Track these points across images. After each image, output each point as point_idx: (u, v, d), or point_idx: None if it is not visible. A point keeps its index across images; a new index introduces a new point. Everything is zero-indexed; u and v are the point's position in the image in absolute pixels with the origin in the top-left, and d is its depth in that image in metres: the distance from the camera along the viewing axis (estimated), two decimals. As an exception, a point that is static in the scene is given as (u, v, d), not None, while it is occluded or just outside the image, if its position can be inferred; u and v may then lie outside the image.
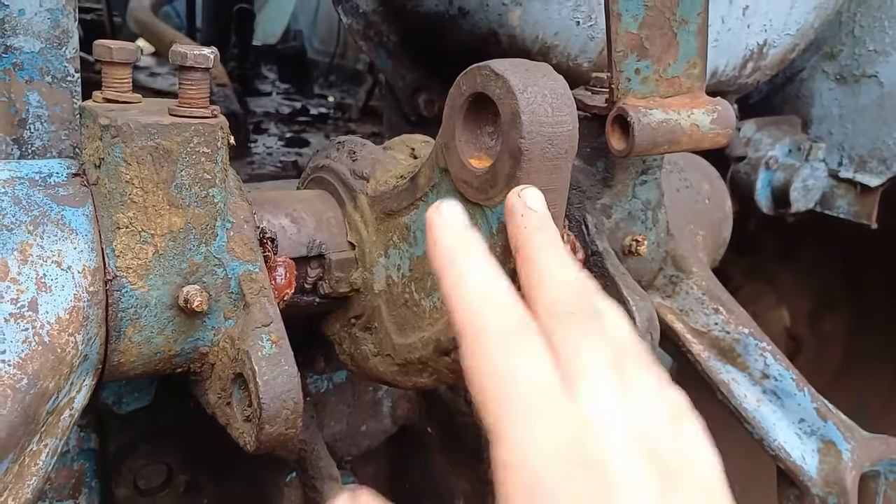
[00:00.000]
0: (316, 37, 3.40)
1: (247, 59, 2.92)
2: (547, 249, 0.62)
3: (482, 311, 0.56)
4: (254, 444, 0.74)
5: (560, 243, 0.63)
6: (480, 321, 0.55)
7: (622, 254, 1.06)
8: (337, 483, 0.96)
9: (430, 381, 0.83)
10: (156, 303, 0.74)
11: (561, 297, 0.58)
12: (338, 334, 0.93)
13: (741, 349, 1.18)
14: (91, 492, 1.05)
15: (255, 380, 0.72)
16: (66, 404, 0.72)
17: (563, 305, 0.57)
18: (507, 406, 0.52)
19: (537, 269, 0.61)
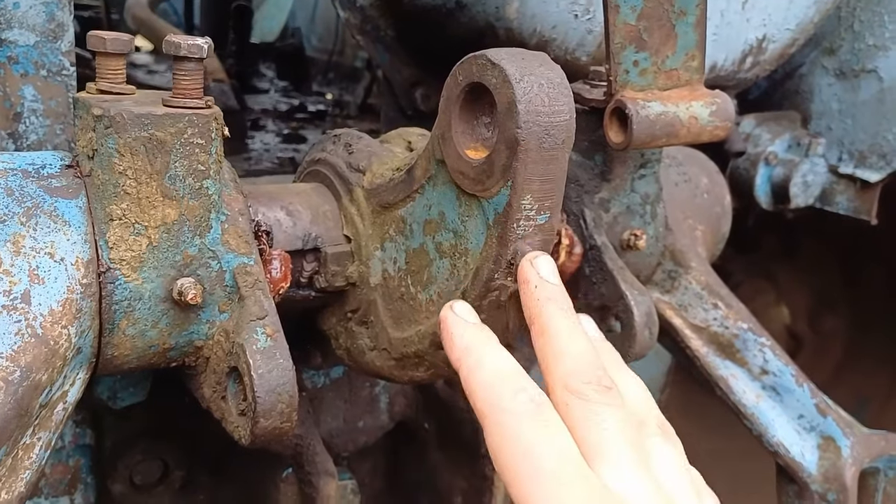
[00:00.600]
0: (314, 34, 3.40)
1: (245, 57, 2.92)
2: (560, 320, 0.65)
3: (501, 392, 0.59)
4: (249, 438, 0.73)
5: (572, 312, 0.66)
6: (500, 402, 0.58)
7: (620, 248, 1.05)
8: (333, 479, 0.95)
9: (426, 376, 0.83)
10: (150, 295, 0.73)
11: (575, 368, 0.61)
12: (334, 329, 0.92)
13: (740, 344, 1.17)
14: (87, 488, 1.05)
15: (249, 373, 0.72)
16: (59, 397, 0.71)
17: (578, 377, 0.60)
18: (532, 480, 0.54)
19: (552, 340, 0.64)
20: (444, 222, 0.76)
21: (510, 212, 0.68)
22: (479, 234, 0.72)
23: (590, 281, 1.02)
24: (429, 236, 0.78)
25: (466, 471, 1.10)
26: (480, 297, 0.72)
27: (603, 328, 1.02)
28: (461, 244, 0.74)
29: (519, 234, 0.69)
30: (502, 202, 0.69)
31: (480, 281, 0.72)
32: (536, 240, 0.70)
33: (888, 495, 1.23)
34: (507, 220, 0.69)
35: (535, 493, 0.53)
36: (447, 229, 0.76)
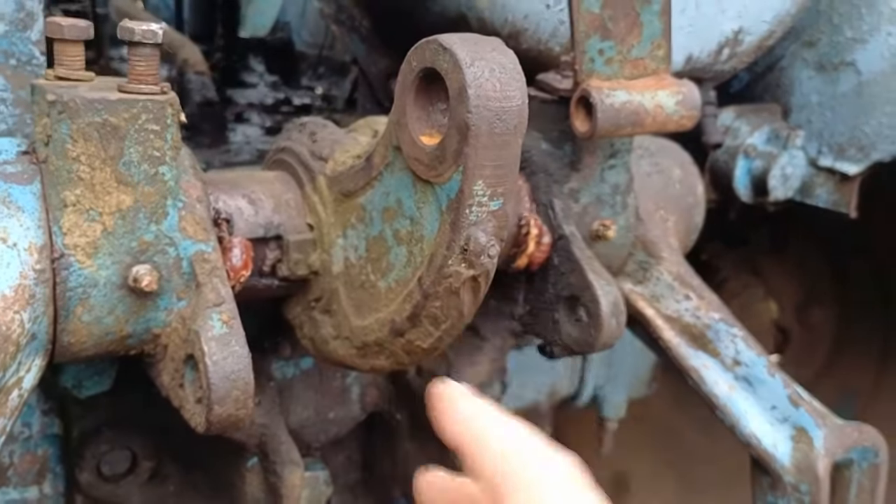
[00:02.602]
0: (304, 29, 3.39)
1: (233, 51, 2.91)
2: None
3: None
4: (204, 425, 0.73)
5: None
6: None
7: (590, 239, 1.05)
8: (298, 468, 0.95)
9: (387, 364, 0.83)
10: (105, 282, 0.73)
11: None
12: (298, 318, 0.92)
13: (712, 335, 1.17)
14: (55, 477, 1.05)
15: (204, 360, 0.72)
16: (14, 384, 0.71)
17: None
18: None
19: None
20: (402, 209, 0.76)
21: (462, 197, 0.68)
22: (434, 220, 0.72)
23: (558, 271, 1.02)
24: (387, 223, 0.78)
25: (437, 461, 1.10)
26: (435, 283, 0.72)
27: (571, 318, 1.03)
28: (417, 231, 0.74)
29: (472, 221, 0.69)
30: (455, 188, 0.69)
31: (435, 267, 0.72)
32: (489, 226, 0.70)
33: (862, 487, 1.23)
34: (459, 205, 0.69)
35: None
36: (404, 216, 0.76)
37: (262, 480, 0.96)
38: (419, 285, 0.73)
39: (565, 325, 1.02)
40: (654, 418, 2.87)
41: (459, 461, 1.08)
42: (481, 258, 0.70)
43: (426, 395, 1.12)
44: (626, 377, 2.40)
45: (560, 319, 1.03)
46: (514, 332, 1.09)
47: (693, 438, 2.84)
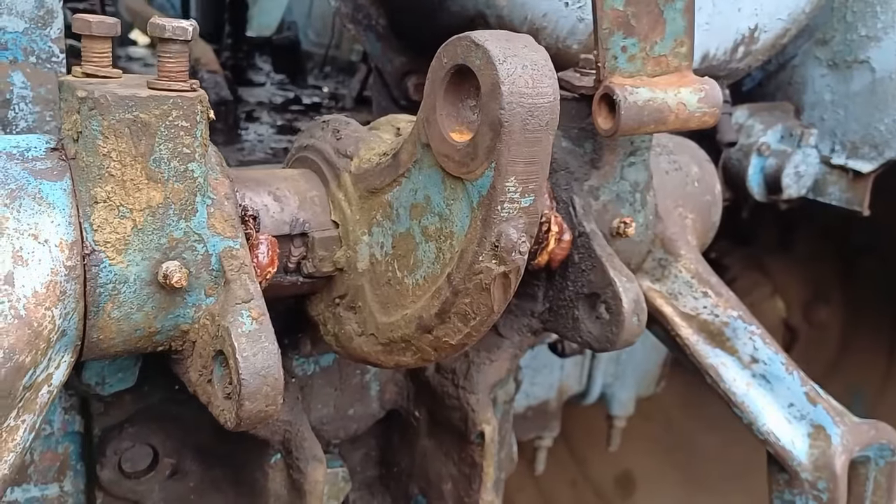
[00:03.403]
0: (311, 28, 3.39)
1: (241, 50, 2.91)
2: None
3: None
4: (234, 422, 0.73)
5: None
6: None
7: (610, 236, 1.05)
8: (321, 464, 0.95)
9: (413, 360, 0.83)
10: (135, 278, 0.73)
11: None
12: (322, 314, 0.92)
13: (730, 333, 1.17)
14: (76, 475, 1.05)
15: (234, 356, 0.72)
16: (44, 380, 0.71)
17: None
18: None
19: None
20: (430, 206, 0.76)
21: (494, 194, 0.68)
22: (464, 216, 0.72)
23: (579, 268, 1.02)
24: (415, 220, 0.78)
25: (456, 457, 1.10)
26: (465, 279, 0.72)
27: (591, 316, 1.03)
28: (446, 227, 0.74)
29: (503, 217, 0.69)
30: (486, 184, 0.69)
31: (465, 264, 0.72)
32: (521, 223, 0.70)
33: (878, 484, 1.24)
34: (491, 202, 0.69)
35: None
36: (433, 213, 0.76)
37: (285, 476, 0.96)
38: (448, 282, 0.74)
39: (586, 322, 1.02)
40: (661, 418, 2.87)
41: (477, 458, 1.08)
42: (512, 255, 0.70)
43: (445, 394, 1.12)
44: (634, 375, 2.40)
45: (580, 317, 1.03)
46: (533, 330, 1.10)
47: (700, 437, 2.84)
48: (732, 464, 2.77)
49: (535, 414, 2.25)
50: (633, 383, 2.42)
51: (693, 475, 2.86)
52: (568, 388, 2.28)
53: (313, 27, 3.41)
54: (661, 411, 2.85)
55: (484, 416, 1.05)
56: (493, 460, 1.06)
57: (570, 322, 1.04)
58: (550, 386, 2.24)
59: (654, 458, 2.93)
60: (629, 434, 2.58)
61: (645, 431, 2.83)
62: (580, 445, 2.80)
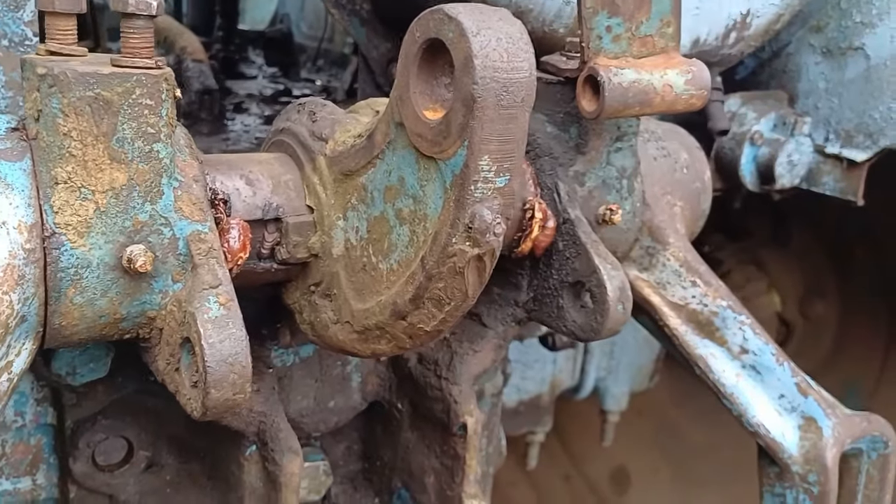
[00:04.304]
0: (304, 21, 3.36)
1: (232, 42, 2.88)
2: None
3: None
4: (200, 410, 0.71)
5: None
6: None
7: (595, 223, 1.03)
8: (297, 456, 0.93)
9: (389, 348, 0.80)
10: (98, 262, 0.71)
11: None
12: (298, 303, 0.90)
13: (719, 323, 1.15)
14: (49, 468, 1.02)
15: (200, 342, 0.69)
16: (3, 367, 0.69)
17: None
18: None
19: None
20: (404, 187, 0.74)
21: (467, 173, 0.66)
22: (438, 198, 0.70)
23: (563, 256, 1.00)
24: (389, 203, 0.76)
25: (438, 450, 1.08)
26: (438, 263, 0.70)
27: (576, 304, 1.00)
28: (420, 209, 0.72)
29: (477, 198, 0.67)
30: (459, 164, 0.66)
31: (438, 246, 0.70)
32: (495, 203, 0.67)
33: (871, 477, 1.21)
34: (464, 182, 0.66)
35: None
36: (406, 195, 0.73)
37: (260, 469, 0.94)
38: (422, 266, 0.71)
39: (570, 311, 1.00)
40: (654, 413, 2.85)
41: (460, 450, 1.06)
42: (487, 236, 0.67)
43: (427, 385, 1.09)
44: (627, 370, 2.38)
45: (565, 306, 1.00)
46: (517, 320, 1.07)
47: (693, 434, 2.82)
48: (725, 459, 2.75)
49: (527, 408, 2.23)
50: (627, 378, 2.40)
51: (687, 470, 2.85)
52: (560, 383, 2.26)
53: (306, 20, 3.38)
54: (654, 406, 2.83)
55: (467, 408, 1.03)
56: (475, 453, 1.04)
57: (554, 311, 1.02)
58: (542, 380, 2.22)
59: (648, 454, 2.91)
60: (623, 429, 2.56)
61: (638, 427, 2.82)
62: (574, 441, 2.78)
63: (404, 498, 1.15)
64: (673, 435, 2.88)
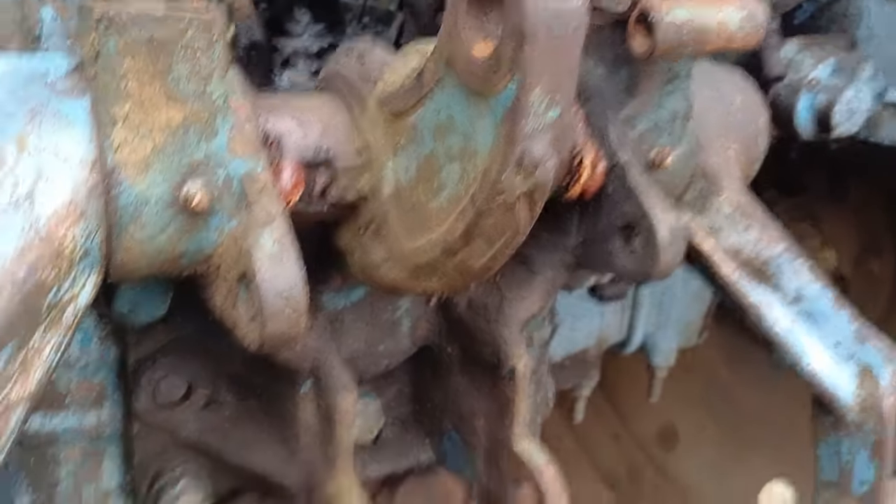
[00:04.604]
0: (349, -23, 3.34)
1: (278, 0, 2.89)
2: None
3: None
4: (257, 343, 0.73)
5: None
6: None
7: (647, 167, 1.01)
8: (351, 393, 0.95)
9: (439, 286, 0.81)
10: (156, 200, 0.73)
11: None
12: (349, 244, 0.91)
13: (774, 268, 1.13)
14: (113, 405, 1.07)
15: (256, 278, 0.71)
16: (69, 300, 0.71)
17: None
18: None
19: None
20: (454, 125, 0.74)
21: (518, 108, 0.65)
22: (488, 134, 0.70)
23: (613, 199, 0.99)
24: (439, 141, 0.76)
25: (488, 393, 1.09)
26: (489, 199, 0.70)
27: (626, 249, 1.00)
28: (470, 146, 0.72)
29: (527, 132, 0.66)
30: (510, 98, 0.66)
31: (489, 182, 0.70)
32: (546, 137, 0.67)
33: (928, 427, 1.19)
34: (514, 117, 0.66)
35: None
36: (456, 132, 0.73)
37: (315, 406, 0.96)
38: (472, 202, 0.72)
39: (620, 255, 0.99)
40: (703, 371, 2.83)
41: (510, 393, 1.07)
42: (537, 171, 0.67)
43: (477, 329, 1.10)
44: (676, 324, 2.36)
45: (614, 250, 1.00)
46: (566, 265, 1.07)
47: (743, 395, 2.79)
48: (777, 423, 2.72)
49: (574, 363, 2.23)
50: (675, 333, 2.38)
51: (735, 430, 2.83)
52: (608, 337, 2.25)
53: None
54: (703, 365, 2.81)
55: (516, 351, 1.04)
56: (525, 396, 1.05)
57: (604, 255, 1.01)
58: (590, 334, 2.21)
59: (696, 412, 2.90)
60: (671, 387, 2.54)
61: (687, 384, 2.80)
62: (620, 398, 2.78)
63: (454, 440, 1.17)
64: (722, 395, 2.86)
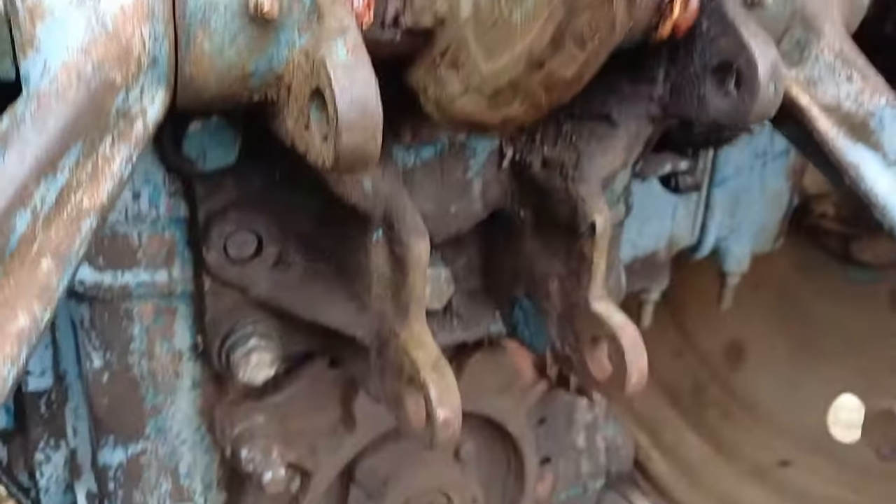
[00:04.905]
0: None
1: None
2: None
3: None
4: (332, 158, 0.69)
5: None
6: None
7: (744, 5, 0.93)
8: (424, 238, 0.92)
9: (521, 111, 0.76)
10: (225, 7, 0.69)
11: None
12: (422, 80, 0.86)
13: (875, 124, 1.04)
14: (184, 262, 1.06)
15: (330, 86, 0.67)
16: (138, 112, 0.69)
17: None
18: None
19: None
20: (541, -80, 0.67)
21: None
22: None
23: (707, 36, 0.91)
24: (524, -57, 0.70)
25: (563, 255, 1.04)
26: (583, -9, 0.64)
27: (720, 90, 0.93)
28: (560, -62, 0.66)
29: None
30: None
31: (583, -28, 0.63)
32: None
33: None
34: None
35: None
36: (544, -73, 0.67)
37: (387, 253, 0.93)
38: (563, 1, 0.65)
39: (714, 98, 0.92)
40: (774, 286, 2.73)
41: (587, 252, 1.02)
42: (638, -46, 0.61)
43: (552, 188, 1.05)
44: (751, 228, 2.26)
45: (707, 94, 0.93)
46: (651, 116, 1.00)
47: (816, 307, 2.69)
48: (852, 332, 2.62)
49: (643, 265, 2.16)
50: (750, 238, 2.28)
51: (806, 343, 2.74)
52: (679, 240, 2.17)
53: None
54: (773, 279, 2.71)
55: (595, 206, 0.98)
56: (603, 253, 1.00)
57: (695, 101, 0.94)
58: (659, 236, 2.13)
59: (766, 327, 2.81)
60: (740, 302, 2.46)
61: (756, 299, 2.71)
62: (688, 303, 2.71)
63: (526, 307, 1.13)
64: (794, 309, 2.76)
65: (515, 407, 1.37)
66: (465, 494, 1.40)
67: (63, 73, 0.61)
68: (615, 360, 0.99)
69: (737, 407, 2.89)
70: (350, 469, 1.32)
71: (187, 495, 1.23)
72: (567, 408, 1.48)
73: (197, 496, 1.24)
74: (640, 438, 2.79)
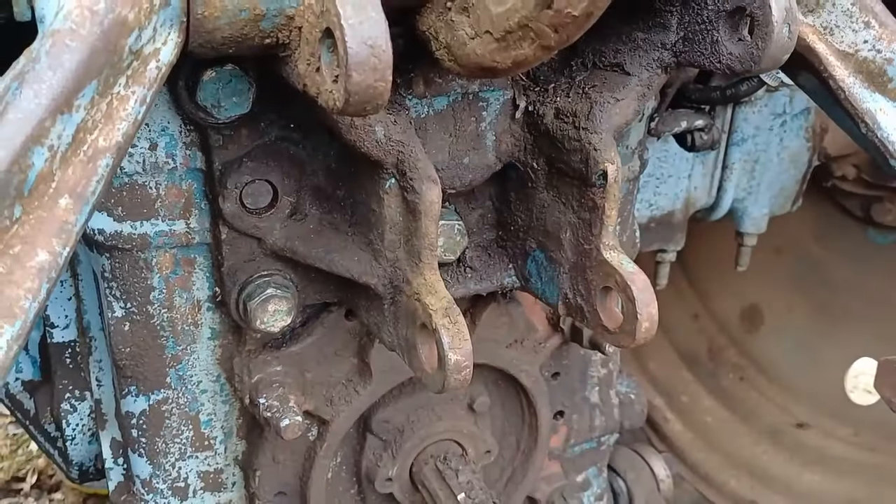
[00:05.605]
0: None
1: None
2: None
3: None
4: (343, 99, 0.70)
5: None
6: None
7: (758, -51, 0.92)
8: (436, 185, 0.92)
9: (532, 51, 0.76)
10: (234, -53, 0.70)
11: None
12: (433, 26, 0.86)
13: (893, 72, 1.03)
14: (201, 213, 1.07)
15: (340, 24, 0.68)
16: (151, 54, 0.70)
17: None
18: None
19: None
20: None
21: None
22: None
23: (720, -19, 0.90)
24: None
25: (575, 204, 1.05)
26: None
27: (734, 36, 0.92)
28: None
29: None
30: None
31: None
32: None
33: None
34: None
35: None
36: None
37: (400, 201, 0.94)
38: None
39: (727, 43, 0.92)
40: (792, 250, 2.72)
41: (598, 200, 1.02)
42: None
43: (565, 138, 1.05)
44: (769, 189, 2.24)
45: (721, 39, 0.92)
46: (664, 65, 1.00)
47: (835, 270, 2.67)
48: (873, 295, 2.61)
49: (659, 225, 2.16)
50: (768, 199, 2.27)
51: (825, 306, 2.73)
52: (695, 200, 2.16)
53: None
54: (792, 243, 2.69)
55: (607, 155, 0.99)
56: (615, 202, 1.00)
57: (707, 47, 0.94)
58: (676, 196, 2.13)
59: (783, 289, 2.80)
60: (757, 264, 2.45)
61: (773, 264, 2.70)
62: (704, 264, 2.70)
63: (539, 259, 1.14)
64: (811, 273, 2.74)
65: (529, 360, 1.38)
66: (480, 446, 1.42)
67: (76, 11, 0.62)
68: (626, 308, 0.99)
69: (753, 370, 2.89)
70: (366, 419, 1.34)
71: (208, 443, 1.26)
72: (581, 363, 1.50)
73: (217, 444, 1.27)
74: (656, 400, 2.81)
